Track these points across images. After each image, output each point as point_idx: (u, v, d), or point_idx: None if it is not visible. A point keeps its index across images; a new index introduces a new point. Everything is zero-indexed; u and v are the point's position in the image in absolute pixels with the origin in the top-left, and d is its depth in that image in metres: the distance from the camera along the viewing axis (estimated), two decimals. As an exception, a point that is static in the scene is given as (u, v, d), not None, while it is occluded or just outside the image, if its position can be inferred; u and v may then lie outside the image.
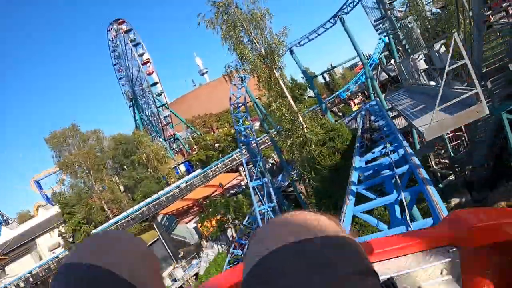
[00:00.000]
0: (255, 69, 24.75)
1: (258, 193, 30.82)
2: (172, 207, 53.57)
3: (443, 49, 12.97)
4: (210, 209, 45.25)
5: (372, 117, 20.61)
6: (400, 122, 25.56)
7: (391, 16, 24.83)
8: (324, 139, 20.94)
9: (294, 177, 34.41)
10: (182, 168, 69.41)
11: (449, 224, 1.07)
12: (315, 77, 48.40)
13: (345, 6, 34.23)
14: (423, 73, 17.03)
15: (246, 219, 39.27)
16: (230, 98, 33.82)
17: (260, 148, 50.41)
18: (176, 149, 75.92)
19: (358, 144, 15.34)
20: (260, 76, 25.46)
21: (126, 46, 76.15)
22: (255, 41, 25.88)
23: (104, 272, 0.62)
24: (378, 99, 33.25)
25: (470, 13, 16.05)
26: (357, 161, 12.63)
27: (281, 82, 25.08)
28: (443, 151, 25.38)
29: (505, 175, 22.63)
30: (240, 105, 33.87)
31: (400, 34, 23.59)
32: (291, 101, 25.07)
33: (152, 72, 74.16)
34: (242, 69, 26.77)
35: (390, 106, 25.15)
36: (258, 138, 52.23)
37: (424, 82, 18.64)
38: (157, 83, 74.21)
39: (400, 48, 34.53)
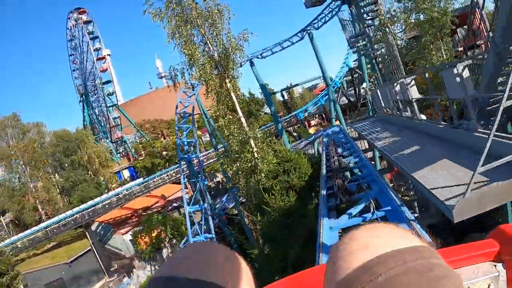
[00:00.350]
0: (204, 76, 19.24)
1: (195, 219, 25.20)
2: (109, 215, 47.67)
3: (466, 73, 8.15)
4: (146, 224, 38.94)
5: (339, 150, 15.64)
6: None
7: (370, 34, 20.34)
8: (277, 170, 15.85)
9: (240, 200, 29.01)
10: (126, 173, 62.24)
11: (495, 239, 1.01)
12: (273, 94, 43.41)
13: (316, 20, 29.62)
14: (415, 103, 12.26)
15: (184, 240, 33.47)
16: (177, 106, 28.19)
17: (207, 163, 44.98)
18: (123, 153, 68.54)
19: (324, 193, 10.14)
20: (209, 85, 20.00)
21: (83, 38, 68.76)
22: (209, 42, 20.48)
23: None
24: (339, 124, 28.78)
25: (491, 34, 11.72)
26: (326, 231, 7.44)
27: (232, 95, 19.73)
28: (405, 187, 20.94)
29: (475, 224, 18.87)
30: (187, 115, 28.27)
31: (378, 56, 19.10)
32: (243, 119, 19.77)
33: (106, 70, 67.01)
34: (189, 74, 21.10)
35: (357, 135, 20.56)
36: (207, 152, 46.62)
37: (409, 115, 13.96)
38: (110, 81, 67.04)
39: (369, 71, 30.36)
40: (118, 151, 68.26)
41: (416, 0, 31.21)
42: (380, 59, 20.52)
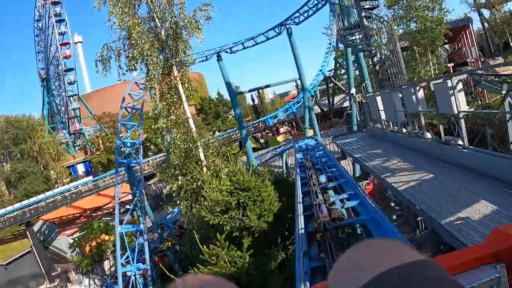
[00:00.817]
0: (139, 56, 13.03)
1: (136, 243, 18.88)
2: (55, 213, 40.32)
3: None
4: (86, 231, 32.08)
5: (322, 178, 9.78)
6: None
7: (367, 27, 14.84)
8: (228, 203, 9.89)
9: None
10: (82, 168, 54.49)
11: (494, 240, 0.98)
12: (240, 94, 37.15)
13: (297, 14, 23.80)
14: (463, 121, 6.61)
15: (126, 255, 26.93)
16: (124, 99, 21.83)
17: (153, 169, 38.16)
18: (80, 146, 60.37)
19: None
20: (150, 71, 13.82)
21: (49, 19, 60.17)
22: (155, 16, 14.31)
23: None
24: (314, 135, 23.18)
25: None
26: None
27: (180, 87, 13.58)
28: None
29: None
30: (134, 110, 21.96)
31: (378, 53, 13.60)
32: (191, 121, 13.69)
33: (70, 56, 58.88)
34: (126, 56, 14.72)
35: (340, 154, 14.96)
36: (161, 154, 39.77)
37: (433, 137, 8.34)
38: (72, 69, 58.88)
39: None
40: (75, 144, 60.12)
41: (408, 7, 26.33)
42: (377, 59, 15.12)
